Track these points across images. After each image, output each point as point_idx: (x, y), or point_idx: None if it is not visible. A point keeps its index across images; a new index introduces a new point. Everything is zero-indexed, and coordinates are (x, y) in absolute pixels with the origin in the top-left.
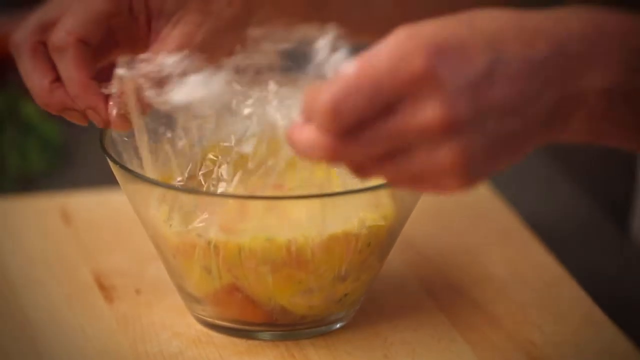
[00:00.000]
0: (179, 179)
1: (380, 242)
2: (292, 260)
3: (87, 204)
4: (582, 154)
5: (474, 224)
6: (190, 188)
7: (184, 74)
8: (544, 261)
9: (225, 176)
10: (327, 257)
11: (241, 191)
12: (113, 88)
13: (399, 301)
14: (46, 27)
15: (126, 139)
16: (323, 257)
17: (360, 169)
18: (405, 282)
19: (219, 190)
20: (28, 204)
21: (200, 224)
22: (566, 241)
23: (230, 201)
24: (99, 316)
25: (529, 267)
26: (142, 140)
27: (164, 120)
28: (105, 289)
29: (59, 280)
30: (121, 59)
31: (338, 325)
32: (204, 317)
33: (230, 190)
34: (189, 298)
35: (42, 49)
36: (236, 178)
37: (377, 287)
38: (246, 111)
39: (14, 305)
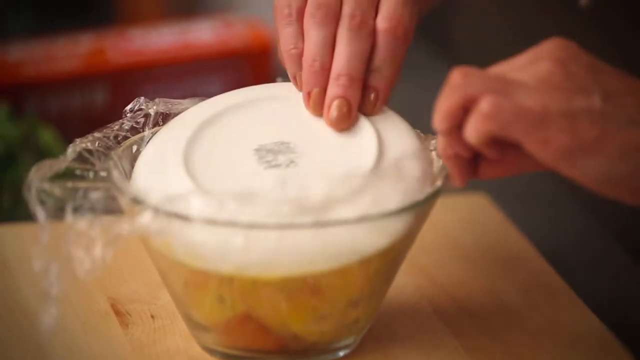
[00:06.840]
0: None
1: (389, 266)
2: (307, 289)
3: None
4: None
5: (486, 251)
6: (204, 218)
7: None
8: (555, 287)
9: None
10: (342, 285)
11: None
12: None
13: (411, 326)
14: None
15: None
16: (338, 285)
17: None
18: (417, 308)
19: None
20: None
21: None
22: (577, 267)
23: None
24: (115, 342)
25: (541, 293)
26: None
27: None
28: (121, 315)
29: (75, 306)
30: None
31: (347, 352)
32: (210, 346)
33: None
34: (196, 327)
35: None
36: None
37: (389, 313)
38: None
39: (30, 333)
